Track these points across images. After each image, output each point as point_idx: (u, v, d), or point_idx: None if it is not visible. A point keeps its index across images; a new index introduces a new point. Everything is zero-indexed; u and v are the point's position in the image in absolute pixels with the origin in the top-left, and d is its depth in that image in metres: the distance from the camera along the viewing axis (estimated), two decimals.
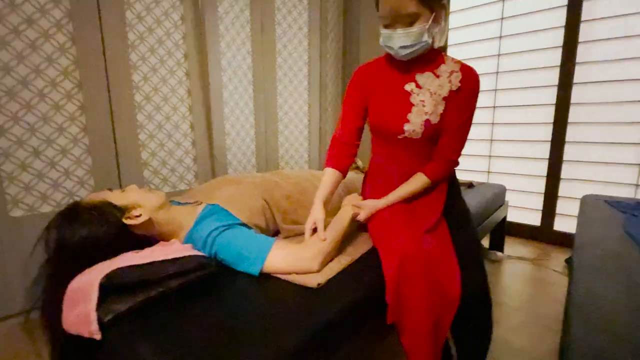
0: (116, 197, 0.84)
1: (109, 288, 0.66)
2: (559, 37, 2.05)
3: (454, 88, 0.93)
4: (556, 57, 2.07)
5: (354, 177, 1.46)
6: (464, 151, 1.01)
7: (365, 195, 1.11)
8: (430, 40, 0.89)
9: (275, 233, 1.10)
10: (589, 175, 2.05)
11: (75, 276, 0.71)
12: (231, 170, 2.11)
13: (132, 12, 1.58)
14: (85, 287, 0.66)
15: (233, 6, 1.96)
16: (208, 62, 1.84)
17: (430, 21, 0.85)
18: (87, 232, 0.76)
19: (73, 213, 0.78)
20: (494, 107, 2.35)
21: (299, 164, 2.56)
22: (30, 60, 1.33)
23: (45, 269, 0.76)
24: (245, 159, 2.19)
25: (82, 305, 0.65)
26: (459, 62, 0.96)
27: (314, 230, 0.91)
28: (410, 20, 0.85)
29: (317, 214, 0.92)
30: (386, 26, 0.88)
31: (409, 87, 0.96)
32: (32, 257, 0.77)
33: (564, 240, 2.16)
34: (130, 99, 1.61)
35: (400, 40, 0.87)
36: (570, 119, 2.07)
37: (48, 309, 0.72)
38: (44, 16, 1.35)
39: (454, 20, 2.45)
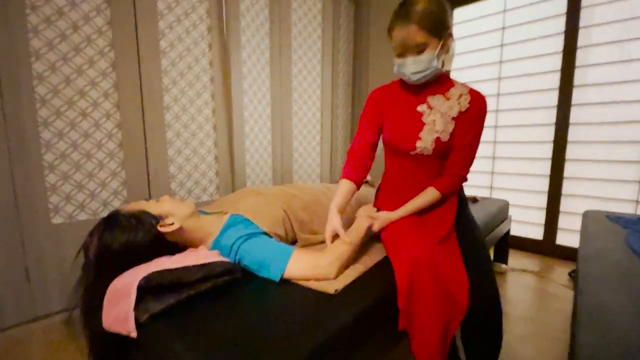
0: (152, 207, 0.87)
1: (146, 290, 0.68)
2: (556, 61, 2.06)
3: (463, 109, 0.95)
4: (554, 80, 2.08)
5: (365, 190, 1.47)
6: None
7: (378, 207, 1.13)
8: (440, 65, 0.92)
9: (293, 242, 1.11)
10: (590, 192, 2.02)
11: (114, 278, 0.73)
12: (249, 183, 2.15)
13: (165, 41, 1.66)
14: (124, 289, 0.68)
15: (254, 35, 2.04)
16: (231, 85, 1.91)
17: (438, 48, 0.88)
18: (126, 238, 0.78)
19: (114, 220, 0.81)
20: (496, 126, 2.35)
21: (312, 178, 2.59)
22: (76, 83, 1.41)
23: (88, 271, 0.79)
24: (262, 173, 2.23)
25: (121, 305, 0.67)
26: (467, 86, 0.99)
27: (334, 237, 0.92)
28: (419, 50, 0.88)
29: (334, 222, 0.92)
30: (399, 55, 0.92)
31: (421, 108, 0.99)
32: (75, 260, 0.81)
33: (566, 254, 2.11)
34: (161, 118, 1.67)
35: (411, 67, 0.91)
36: (569, 138, 2.06)
37: (89, 307, 0.74)
38: (90, 45, 1.43)
39: (457, 46, 2.49)
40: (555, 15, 2.05)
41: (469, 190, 2.45)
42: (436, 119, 0.96)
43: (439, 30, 0.87)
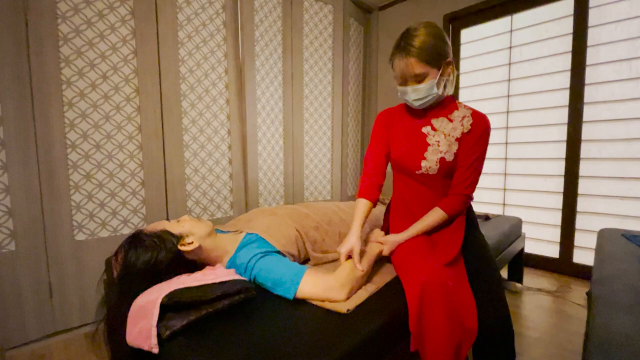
0: (172, 226, 0.92)
1: (168, 307, 0.72)
2: (565, 79, 2.08)
3: (466, 130, 0.99)
4: (564, 97, 2.09)
5: (376, 210, 1.49)
6: (478, 185, 1.04)
7: (388, 224, 1.15)
8: (440, 92, 0.97)
9: (306, 260, 1.14)
10: (605, 209, 1.99)
11: (138, 295, 0.77)
12: (262, 200, 2.20)
13: (185, 67, 1.76)
14: (147, 306, 0.72)
15: (268, 59, 2.13)
16: (246, 107, 1.99)
17: (438, 76, 0.93)
18: (150, 256, 0.83)
19: (138, 240, 0.86)
20: (506, 143, 2.36)
21: (322, 195, 2.63)
22: (102, 108, 1.50)
23: (113, 288, 0.83)
24: (274, 190, 2.28)
25: (144, 322, 0.71)
26: (470, 108, 1.02)
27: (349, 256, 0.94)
28: (419, 79, 0.94)
29: (353, 242, 0.93)
30: (400, 84, 0.97)
31: (426, 129, 1.03)
32: (100, 278, 0.85)
33: (584, 273, 2.06)
34: (179, 139, 1.75)
35: (413, 95, 0.97)
36: (582, 155, 2.05)
37: (114, 323, 0.78)
38: (116, 72, 1.53)
39: (465, 65, 2.54)
40: (562, 34, 2.09)
41: (480, 207, 2.44)
42: (440, 139, 1.00)
43: (438, 60, 0.92)
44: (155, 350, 0.69)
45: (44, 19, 1.33)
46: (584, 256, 2.08)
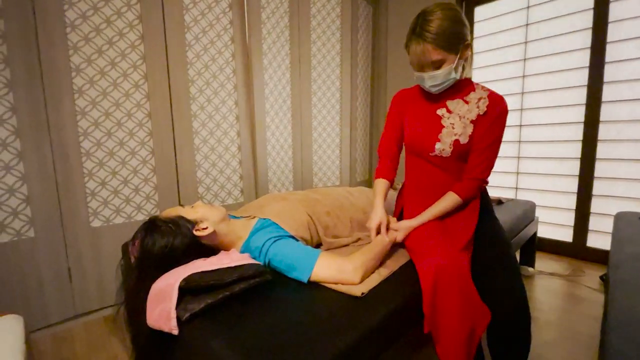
0: (187, 212, 0.93)
1: (186, 290, 0.74)
2: (585, 58, 2.00)
3: (481, 112, 0.97)
4: (583, 77, 2.02)
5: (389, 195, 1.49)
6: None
7: (401, 209, 1.15)
8: (457, 76, 0.94)
9: (318, 245, 1.15)
10: (622, 192, 1.95)
11: (156, 280, 0.79)
12: (271, 187, 2.21)
13: (192, 52, 1.74)
14: (166, 289, 0.74)
15: (275, 42, 2.10)
16: (254, 92, 1.98)
17: (456, 61, 0.90)
18: (166, 241, 0.84)
19: (153, 226, 0.87)
20: (520, 125, 2.31)
21: (331, 181, 2.63)
22: (112, 95, 1.51)
23: (131, 273, 0.86)
24: (283, 176, 2.29)
25: (163, 305, 0.73)
26: (488, 90, 0.99)
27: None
28: (436, 66, 0.91)
29: (381, 215, 1.00)
30: (417, 70, 0.95)
31: (441, 111, 1.01)
32: (118, 264, 0.88)
33: (597, 257, 2.04)
34: (189, 126, 1.76)
35: (429, 82, 0.95)
36: (600, 136, 1.99)
37: (133, 307, 0.80)
38: (124, 59, 1.52)
39: (479, 44, 2.46)
40: (582, 9, 2.00)
41: (493, 191, 2.41)
42: (455, 122, 0.98)
43: (456, 45, 0.89)
44: (175, 331, 0.71)
45: (51, 5, 1.32)
46: (598, 240, 2.06)
